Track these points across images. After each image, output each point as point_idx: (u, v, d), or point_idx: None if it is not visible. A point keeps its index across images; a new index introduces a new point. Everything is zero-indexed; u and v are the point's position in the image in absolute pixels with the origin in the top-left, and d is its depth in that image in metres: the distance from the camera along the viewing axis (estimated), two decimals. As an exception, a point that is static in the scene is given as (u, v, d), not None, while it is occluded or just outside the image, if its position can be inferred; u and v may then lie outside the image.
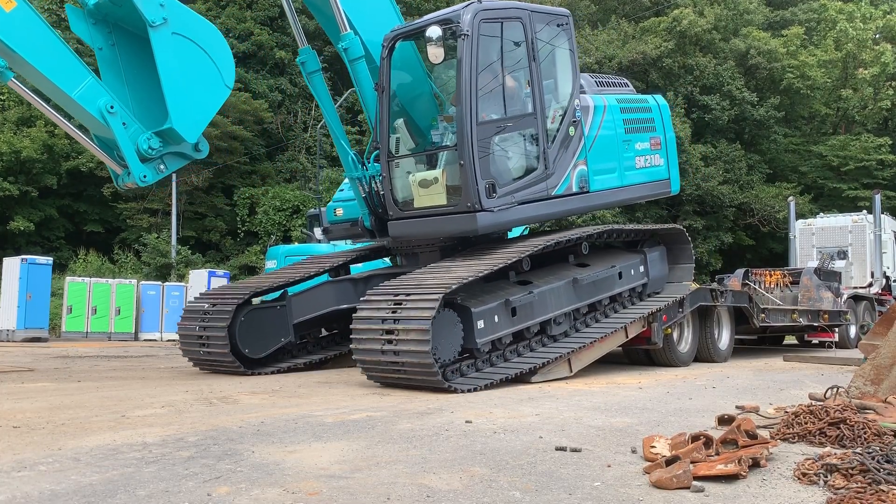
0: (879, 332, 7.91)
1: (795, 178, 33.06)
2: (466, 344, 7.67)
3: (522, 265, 8.63)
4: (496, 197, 8.50)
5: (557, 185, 9.15)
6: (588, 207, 10.03)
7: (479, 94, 8.46)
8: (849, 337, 15.11)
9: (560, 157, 9.18)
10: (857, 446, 4.36)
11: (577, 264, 9.39)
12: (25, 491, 3.50)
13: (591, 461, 4.24)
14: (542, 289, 8.60)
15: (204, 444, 4.62)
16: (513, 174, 8.84)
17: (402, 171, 9.21)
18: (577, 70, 9.50)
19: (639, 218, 28.89)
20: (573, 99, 9.43)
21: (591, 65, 29.66)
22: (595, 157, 9.69)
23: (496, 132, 8.62)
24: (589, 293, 9.19)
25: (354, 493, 3.53)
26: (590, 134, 9.67)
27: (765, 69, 32.12)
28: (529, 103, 8.95)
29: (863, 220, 19.34)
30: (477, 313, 7.75)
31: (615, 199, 10.48)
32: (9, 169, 27.94)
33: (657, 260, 10.45)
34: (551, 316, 8.63)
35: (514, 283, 8.53)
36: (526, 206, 8.87)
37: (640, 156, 10.46)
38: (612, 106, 10.20)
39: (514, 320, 8.17)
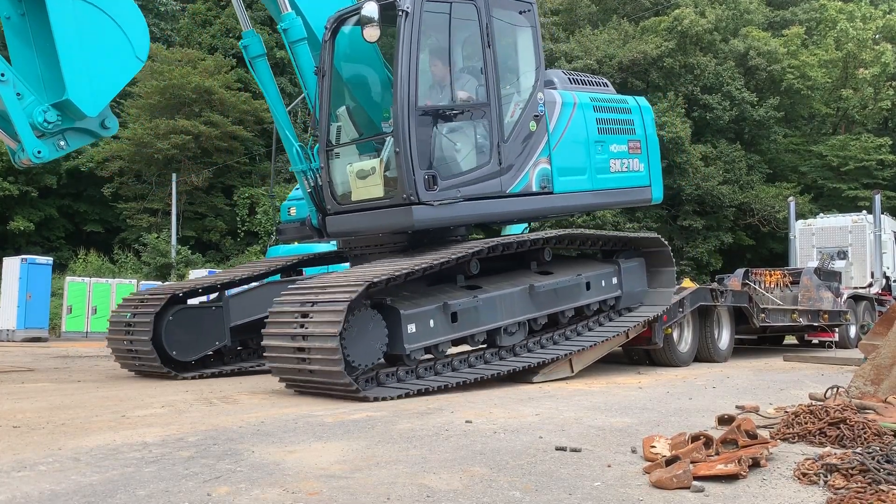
0: (879, 332, 7.92)
1: (795, 178, 33.08)
2: (393, 349, 7.09)
3: (470, 268, 7.99)
4: (437, 190, 7.71)
5: (514, 183, 8.34)
6: (550, 210, 9.11)
7: (421, 77, 7.81)
8: (849, 337, 15.11)
9: (518, 153, 8.39)
10: (857, 446, 4.36)
11: (539, 272, 8.71)
12: (25, 491, 3.50)
13: (591, 461, 4.24)
14: (489, 294, 7.95)
15: (204, 444, 4.62)
16: (460, 167, 8.07)
17: (342, 161, 8.57)
18: (541, 61, 8.73)
19: (639, 218, 28.89)
20: (536, 92, 8.64)
21: (592, 65, 29.69)
22: (561, 156, 8.87)
23: (441, 120, 7.90)
24: (548, 303, 8.49)
25: (354, 493, 3.53)
26: (555, 131, 8.86)
27: (764, 70, 32.13)
28: (482, 92, 8.18)
29: (863, 220, 19.34)
30: (407, 316, 7.12)
31: (584, 204, 9.48)
32: (9, 169, 27.93)
33: (633, 272, 9.62)
34: (501, 325, 7.96)
35: (460, 287, 7.91)
36: (475, 203, 8.07)
37: (616, 159, 9.65)
38: (584, 103, 9.40)
39: (454, 327, 7.52)
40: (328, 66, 8.53)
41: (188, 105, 30.30)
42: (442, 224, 8.11)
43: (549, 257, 8.86)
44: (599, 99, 9.65)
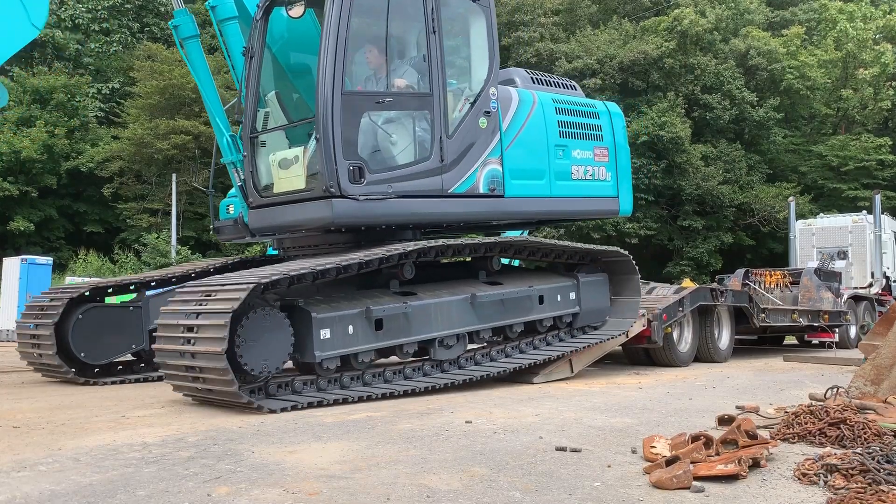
0: (879, 332, 7.92)
1: (795, 179, 33.08)
2: (303, 356, 6.48)
3: (404, 272, 7.35)
4: (364, 183, 7.03)
5: (458, 182, 7.66)
6: (499, 214, 8.30)
7: (352, 59, 7.26)
8: (849, 337, 15.11)
9: (464, 150, 7.72)
10: (857, 446, 4.36)
11: (487, 282, 8.10)
12: (25, 491, 3.50)
13: (591, 461, 4.24)
14: (423, 302, 7.28)
15: (204, 444, 4.62)
16: (394, 161, 7.42)
17: (267, 150, 7.95)
18: (495, 54, 8.04)
19: (638, 218, 28.88)
20: (488, 87, 7.95)
21: (592, 64, 29.71)
22: (514, 157, 8.19)
23: (372, 108, 7.24)
24: (494, 315, 7.87)
25: (354, 493, 3.53)
26: (509, 130, 8.19)
27: (765, 70, 32.15)
28: (425, 82, 7.51)
29: (863, 220, 19.34)
30: (320, 320, 6.45)
31: (539, 211, 8.69)
32: (9, 169, 27.98)
33: (594, 289, 8.96)
34: (436, 336, 7.32)
35: (393, 293, 7.29)
36: (409, 201, 7.38)
37: (579, 165, 8.93)
38: (545, 103, 8.73)
39: (378, 335, 6.88)
40: (259, 46, 7.93)
41: (188, 105, 30.30)
42: (369, 222, 7.40)
43: (499, 266, 8.27)
44: (563, 100, 9.02)
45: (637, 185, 28.46)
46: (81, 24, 33.99)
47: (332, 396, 6.43)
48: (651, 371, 9.75)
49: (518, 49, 30.75)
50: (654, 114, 28.33)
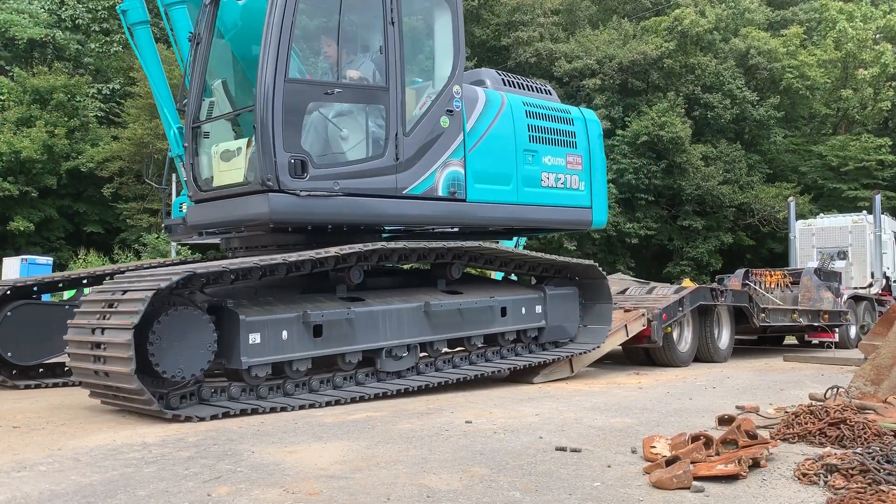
0: (879, 332, 7.92)
1: (795, 179, 33.06)
2: (230, 363, 6.01)
3: (351, 276, 6.85)
4: (306, 178, 6.55)
5: (414, 183, 7.24)
6: (460, 220, 7.85)
7: (300, 45, 6.86)
8: (849, 337, 15.11)
9: (423, 150, 7.31)
10: (857, 446, 4.36)
11: (447, 291, 7.69)
12: (25, 491, 3.50)
13: (591, 461, 4.24)
14: (369, 308, 6.82)
15: (204, 444, 4.62)
16: (343, 156, 6.98)
17: (210, 141, 7.45)
18: (460, 52, 7.65)
19: (638, 218, 28.88)
20: (452, 84, 7.55)
21: (592, 65, 29.69)
22: (478, 160, 7.80)
23: (320, 98, 6.76)
24: (450, 326, 7.45)
25: (354, 493, 3.53)
26: (474, 131, 7.81)
27: (765, 69, 32.14)
28: (381, 75, 7.07)
29: (863, 220, 19.34)
30: (249, 323, 5.96)
31: (505, 218, 8.20)
32: (9, 169, 27.97)
33: (562, 303, 8.56)
34: (384, 345, 6.87)
35: (338, 298, 6.83)
36: (359, 200, 6.91)
37: (550, 172, 8.56)
38: (515, 106, 8.36)
39: (316, 343, 6.40)
40: (207, 33, 7.50)
41: (188, 105, 30.25)
42: (313, 220, 6.87)
43: (458, 275, 7.81)
44: (534, 104, 8.65)
45: (637, 185, 28.49)
46: (82, 24, 33.98)
47: (268, 404, 5.98)
48: (651, 371, 9.75)
49: (518, 49, 30.74)
50: (654, 114, 28.32)
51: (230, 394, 5.99)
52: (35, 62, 33.90)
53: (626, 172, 28.33)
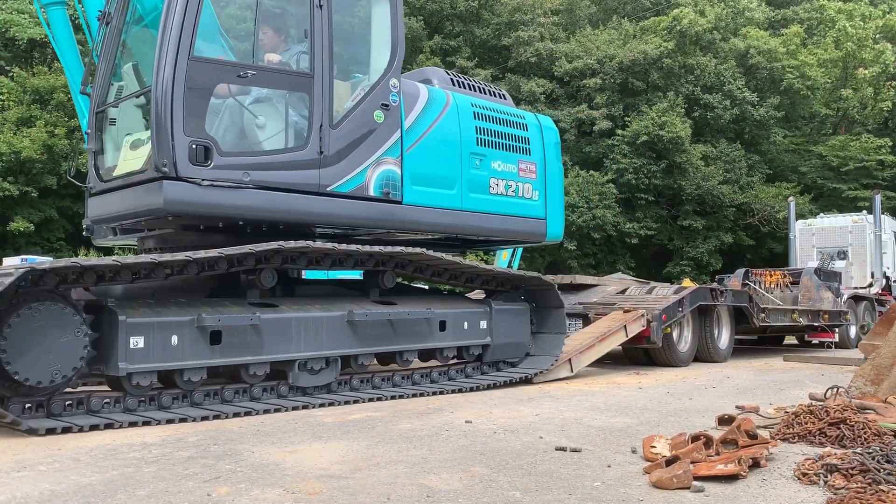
0: (879, 332, 7.93)
1: (795, 179, 33.06)
2: (108, 369, 5.35)
3: (262, 280, 6.27)
4: (210, 166, 5.91)
5: (341, 180, 6.66)
6: (395, 223, 7.22)
7: (211, 22, 6.29)
8: (849, 337, 15.12)
9: (352, 145, 6.75)
10: (857, 446, 4.37)
11: (379, 301, 7.13)
12: (25, 491, 3.50)
13: (591, 461, 4.25)
14: (279, 315, 6.18)
15: (204, 444, 4.62)
16: (258, 145, 6.38)
17: (118, 129, 6.80)
18: (399, 44, 7.19)
19: (638, 218, 28.87)
20: (388, 77, 7.05)
21: (592, 64, 29.69)
22: (417, 160, 7.27)
23: (231, 81, 6.17)
24: (378, 339, 6.87)
25: (354, 493, 3.53)
26: (413, 129, 7.29)
27: (765, 69, 32.15)
28: (305, 60, 6.54)
29: (863, 220, 19.35)
30: (131, 325, 5.31)
31: (447, 224, 7.63)
32: (9, 169, 27.98)
33: (510, 319, 8.03)
34: (296, 357, 6.24)
35: (249, 303, 6.20)
36: (273, 195, 6.28)
37: (500, 179, 8.06)
38: (462, 106, 7.86)
39: (214, 350, 5.76)
40: (121, 11, 6.94)
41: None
42: (217, 213, 6.14)
43: (391, 284, 7.27)
44: (484, 106, 8.17)
45: (637, 185, 28.48)
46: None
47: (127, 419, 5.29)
48: (651, 371, 9.76)
49: (518, 49, 30.75)
50: (654, 114, 28.33)
51: (90, 406, 5.27)
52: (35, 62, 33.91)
53: (626, 172, 28.33)
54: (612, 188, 27.69)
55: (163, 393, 5.64)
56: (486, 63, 31.66)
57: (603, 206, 27.13)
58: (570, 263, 27.38)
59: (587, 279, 11.97)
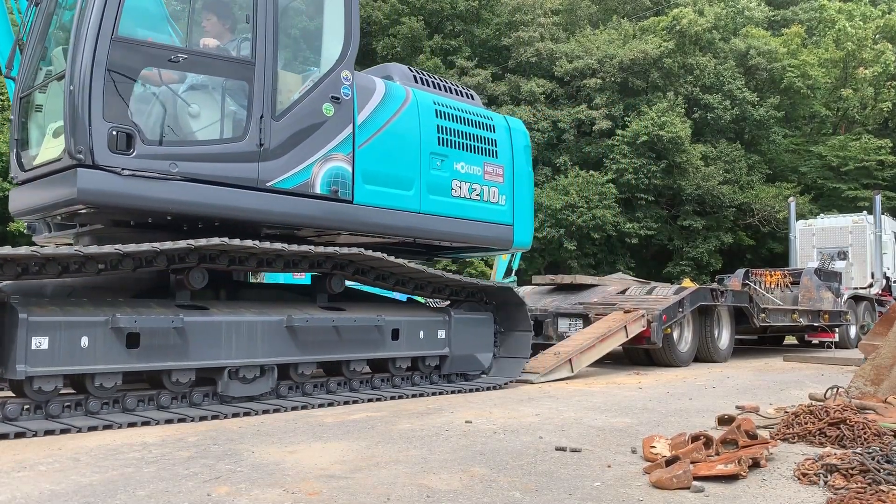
0: (879, 332, 7.93)
1: (795, 179, 33.09)
2: (6, 372, 4.97)
3: (191, 280, 5.83)
4: (132, 154, 5.44)
5: (283, 175, 6.23)
6: (344, 223, 6.74)
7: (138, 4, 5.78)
8: (849, 337, 15.14)
9: (297, 138, 6.33)
10: (857, 446, 4.37)
11: (328, 307, 6.72)
12: (25, 491, 3.50)
13: (591, 461, 4.25)
14: (207, 318, 5.74)
15: (204, 444, 4.62)
16: (190, 134, 5.89)
17: (45, 117, 6.30)
18: (353, 35, 6.76)
19: (639, 218, 28.88)
20: (340, 68, 6.63)
21: (592, 64, 29.72)
22: (371, 158, 6.84)
23: (161, 64, 5.70)
24: (322, 346, 6.45)
25: (354, 493, 3.53)
26: (367, 125, 6.84)
27: (765, 69, 32.16)
28: (246, 47, 6.14)
29: (863, 220, 19.37)
30: (34, 324, 4.91)
31: (404, 227, 7.16)
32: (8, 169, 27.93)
33: (471, 329, 7.68)
34: (226, 364, 5.80)
35: (177, 305, 5.77)
36: (204, 188, 5.78)
37: (463, 182, 7.65)
38: (423, 103, 7.43)
39: (131, 355, 5.33)
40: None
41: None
42: (137, 206, 5.60)
43: (339, 289, 6.84)
44: (447, 104, 7.72)
45: (637, 185, 28.50)
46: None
47: (126, 419, 5.19)
48: (651, 371, 9.76)
49: (518, 49, 30.77)
50: (654, 114, 28.35)
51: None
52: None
53: (626, 172, 28.35)
54: (612, 188, 27.70)
55: (162, 393, 5.59)
56: (486, 63, 31.68)
57: (603, 206, 27.14)
58: (570, 263, 27.39)
59: (587, 279, 11.98)
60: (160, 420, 5.30)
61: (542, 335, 10.48)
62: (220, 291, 6.43)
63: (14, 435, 4.71)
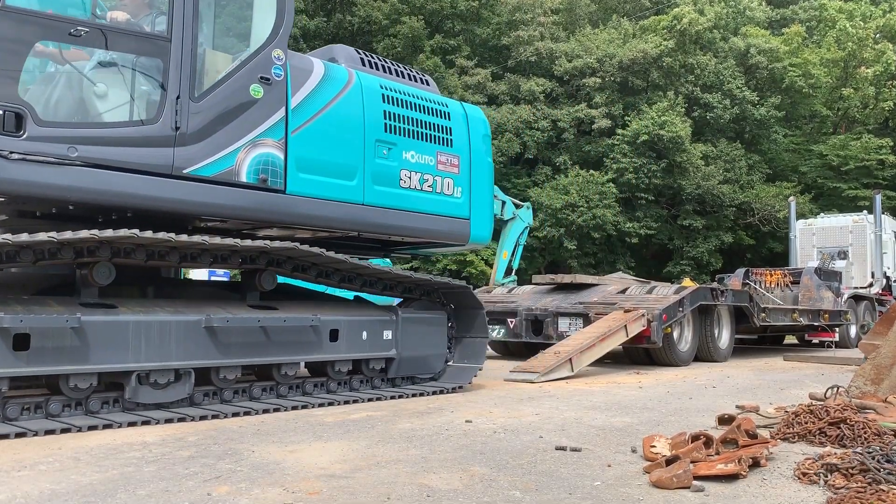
0: (880, 331, 7.93)
1: (796, 178, 33.09)
2: None
3: (94, 276, 5.35)
4: (23, 136, 4.98)
5: (204, 162, 5.70)
6: (276, 215, 6.20)
7: None
8: (849, 337, 15.15)
9: (220, 121, 5.81)
10: (857, 446, 4.37)
11: (259, 305, 6.24)
12: (25, 490, 3.50)
13: (591, 461, 4.25)
14: (111, 318, 5.25)
15: (204, 443, 4.62)
16: (93, 115, 5.38)
17: None
18: (287, 12, 6.29)
19: (638, 218, 28.87)
20: (271, 48, 6.14)
21: (592, 64, 29.70)
22: (306, 144, 6.30)
23: (59, 38, 5.23)
24: (246, 349, 5.95)
25: (355, 492, 3.53)
26: (302, 108, 6.31)
27: (765, 68, 32.16)
28: (162, 22, 5.65)
29: (863, 220, 19.37)
30: None
31: (346, 220, 6.63)
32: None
33: (423, 329, 7.26)
34: (134, 368, 5.32)
35: (80, 304, 5.28)
36: (108, 175, 5.27)
37: (413, 172, 7.12)
38: (368, 87, 6.88)
39: (20, 358, 4.88)
40: None
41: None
42: (28, 193, 5.10)
43: (271, 286, 6.38)
44: (396, 89, 7.17)
45: (637, 185, 28.49)
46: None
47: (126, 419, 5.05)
48: (651, 370, 9.76)
49: (518, 48, 30.76)
50: (654, 113, 28.35)
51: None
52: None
53: (626, 172, 28.34)
54: (612, 188, 27.70)
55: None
56: (486, 62, 31.67)
57: (603, 205, 27.14)
58: (571, 263, 27.39)
59: (587, 279, 11.99)
60: (160, 419, 5.29)
61: (542, 335, 10.49)
62: (149, 289, 6.07)
63: (14, 435, 4.71)
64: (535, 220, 22.90)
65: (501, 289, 12.86)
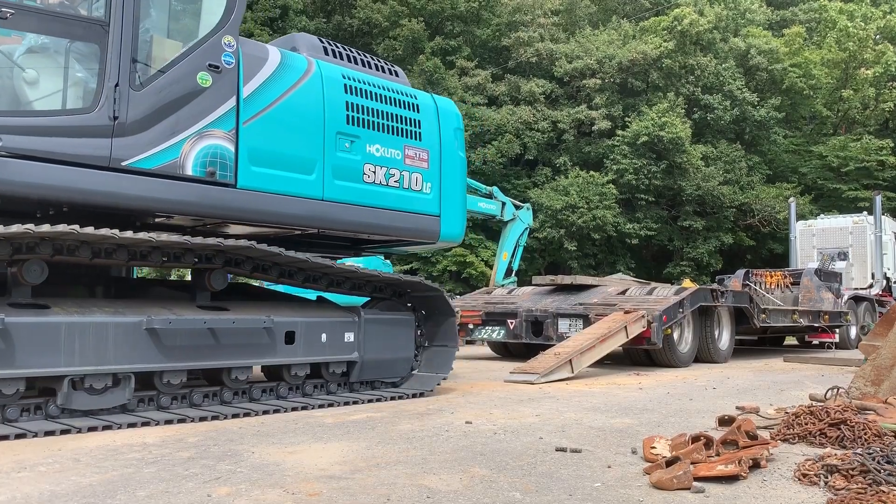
0: (880, 332, 7.92)
1: (796, 179, 33.09)
2: None
3: (24, 274, 5.04)
4: None
5: (144, 153, 5.38)
6: (226, 210, 5.86)
7: None
8: (849, 338, 15.14)
9: (162, 111, 5.49)
10: (857, 447, 4.36)
11: (210, 306, 5.93)
12: (25, 491, 3.50)
13: (591, 462, 4.25)
14: (42, 319, 4.95)
15: (204, 444, 4.62)
16: (23, 104, 5.08)
17: None
18: (239, 2, 5.94)
19: (639, 219, 28.87)
20: (221, 34, 5.81)
21: (592, 64, 29.70)
22: (259, 135, 5.98)
23: None
24: (192, 352, 5.64)
25: (354, 493, 3.53)
26: (255, 98, 5.98)
27: (765, 69, 32.17)
28: (100, 6, 5.35)
29: (863, 221, 19.38)
30: None
31: (304, 216, 6.30)
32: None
33: (388, 331, 6.94)
34: (66, 373, 5.02)
35: (8, 304, 5.01)
36: (38, 167, 4.94)
37: (378, 166, 6.78)
38: (329, 76, 6.56)
39: None
40: None
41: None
42: None
43: (222, 285, 6.03)
44: (359, 79, 6.82)
45: (637, 186, 28.47)
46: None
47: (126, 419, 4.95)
48: (651, 371, 9.76)
49: (518, 49, 30.77)
50: (654, 114, 28.34)
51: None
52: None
53: (626, 173, 28.34)
54: (612, 189, 27.69)
55: (161, 395, 5.53)
56: (486, 63, 31.68)
57: (603, 206, 27.13)
58: (571, 264, 27.38)
59: (587, 280, 11.99)
60: (160, 420, 5.28)
61: (542, 336, 10.49)
62: (97, 289, 5.85)
63: (14, 436, 4.70)
64: (535, 222, 22.90)
65: (501, 290, 12.87)
